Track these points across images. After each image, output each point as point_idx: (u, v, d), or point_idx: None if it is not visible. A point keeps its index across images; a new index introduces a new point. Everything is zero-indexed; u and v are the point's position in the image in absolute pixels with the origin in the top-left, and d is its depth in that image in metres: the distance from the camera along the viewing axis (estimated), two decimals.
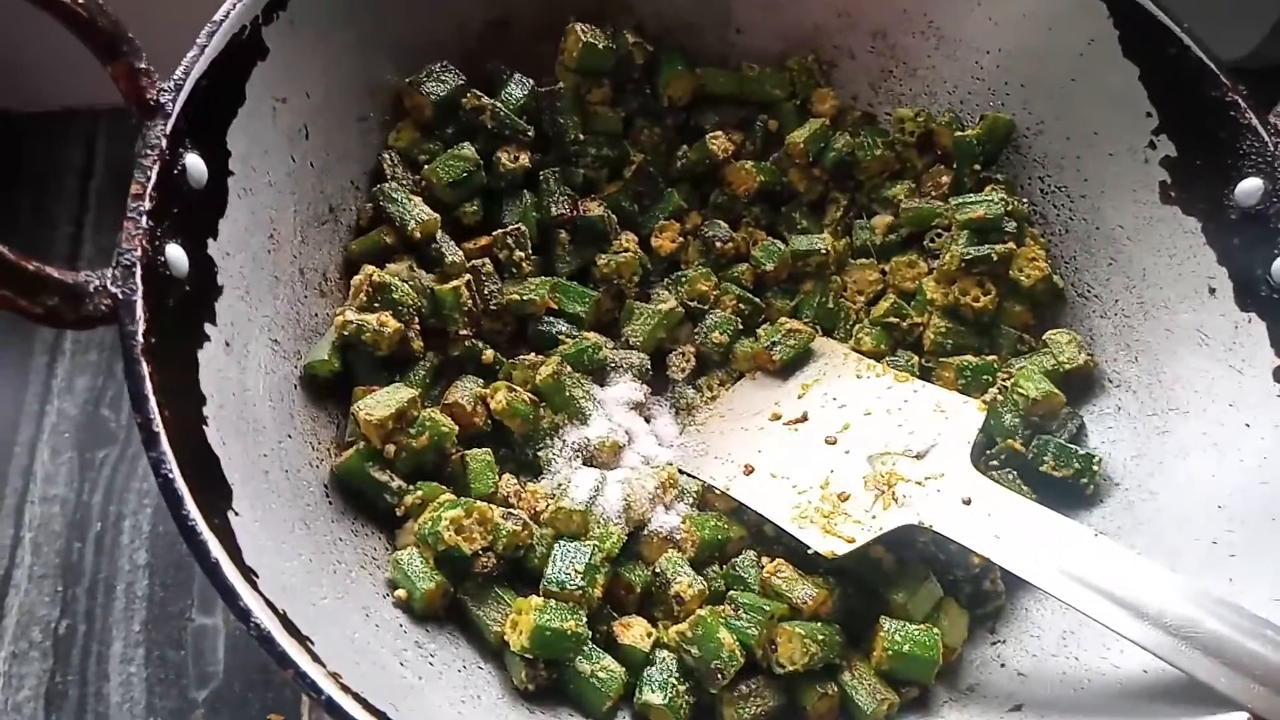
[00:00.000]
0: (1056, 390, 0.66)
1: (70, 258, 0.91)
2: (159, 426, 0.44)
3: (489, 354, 0.65)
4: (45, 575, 0.78)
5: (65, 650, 0.75)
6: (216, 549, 0.43)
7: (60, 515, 0.80)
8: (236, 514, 0.47)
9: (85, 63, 0.50)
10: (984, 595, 0.62)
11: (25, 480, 0.82)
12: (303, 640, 0.44)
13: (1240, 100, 0.62)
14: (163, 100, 0.51)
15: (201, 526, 0.43)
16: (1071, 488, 0.64)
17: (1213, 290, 0.64)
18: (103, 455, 0.83)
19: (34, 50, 0.86)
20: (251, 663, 0.75)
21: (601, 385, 0.67)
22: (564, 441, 0.63)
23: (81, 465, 0.82)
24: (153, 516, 0.81)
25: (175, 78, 0.52)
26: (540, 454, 0.62)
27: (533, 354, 0.66)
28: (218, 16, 0.54)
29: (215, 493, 0.47)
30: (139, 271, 0.47)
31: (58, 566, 0.78)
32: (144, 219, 0.48)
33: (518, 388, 0.63)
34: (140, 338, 0.46)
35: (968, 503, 0.58)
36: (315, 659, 0.43)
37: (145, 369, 0.45)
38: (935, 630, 0.57)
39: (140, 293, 0.46)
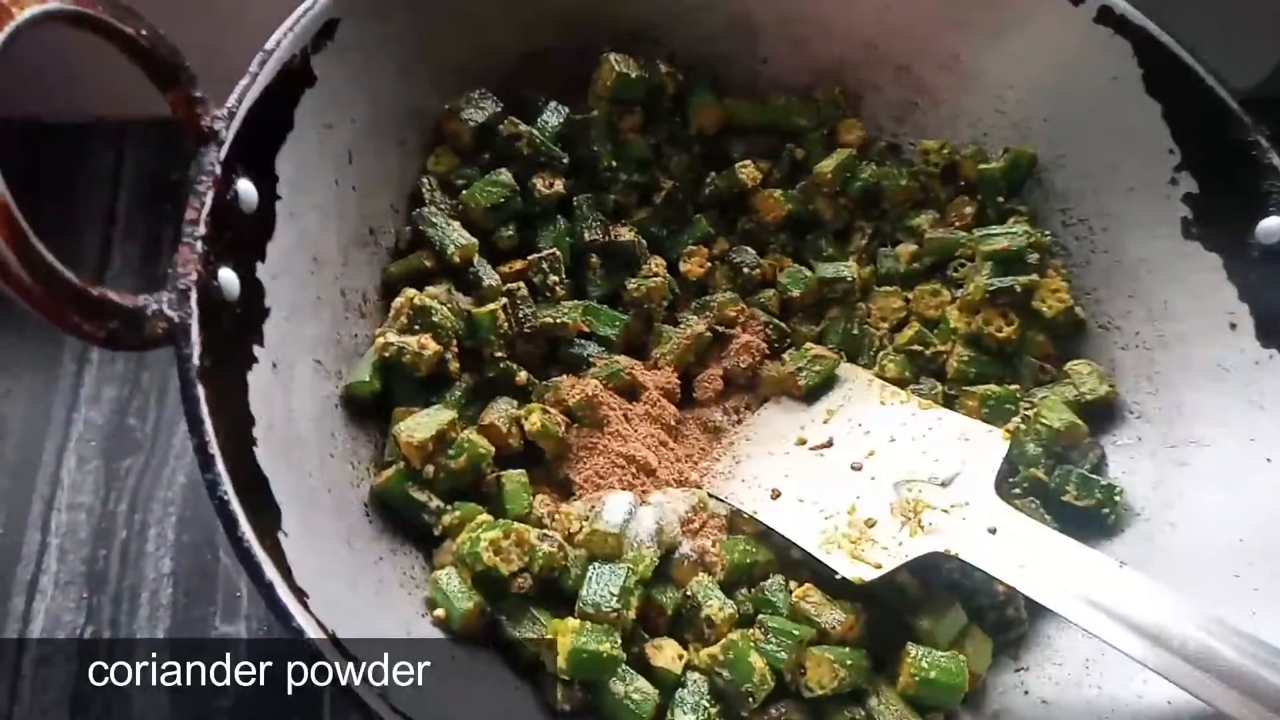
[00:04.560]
0: (1079, 421, 0.67)
1: (99, 268, 0.91)
2: (215, 449, 0.45)
3: (522, 376, 0.66)
4: (71, 582, 0.79)
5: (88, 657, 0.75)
6: (270, 570, 0.44)
7: (86, 523, 0.81)
8: (285, 534, 0.48)
9: (114, 73, 0.51)
10: (1007, 622, 0.63)
11: (52, 488, 0.82)
12: (354, 660, 0.45)
13: (1262, 140, 0.64)
14: (217, 127, 0.52)
15: (256, 548, 0.44)
16: (1093, 517, 0.66)
17: (1233, 325, 0.65)
18: (128, 464, 0.84)
19: (64, 59, 0.86)
20: None
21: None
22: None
23: (107, 474, 0.83)
24: (177, 525, 0.81)
25: (229, 105, 0.53)
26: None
27: (565, 375, 0.67)
28: (269, 45, 0.55)
29: (266, 513, 0.48)
30: (194, 295, 0.48)
31: (83, 574, 0.79)
32: (199, 243, 0.49)
33: (551, 409, 0.64)
34: (196, 361, 0.47)
35: (993, 531, 0.59)
36: (365, 679, 0.44)
37: (201, 391, 0.46)
38: (961, 657, 0.58)
39: (195, 316, 0.47)
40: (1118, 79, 0.69)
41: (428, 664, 0.50)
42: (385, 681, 0.45)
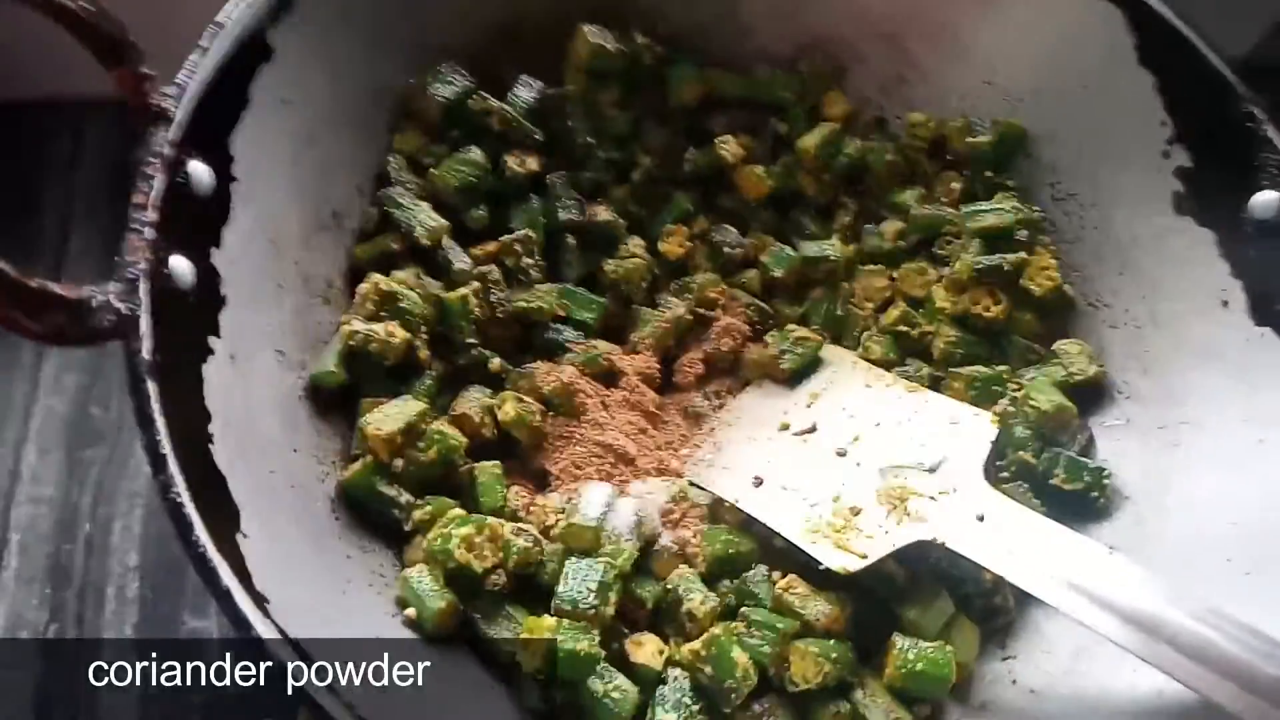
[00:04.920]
0: (1068, 403, 0.66)
1: (57, 256, 0.88)
2: (167, 449, 0.43)
3: (496, 363, 0.64)
4: (33, 578, 0.76)
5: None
6: (228, 576, 0.42)
7: (48, 516, 0.78)
8: (245, 535, 0.46)
9: (71, 52, 0.48)
10: (995, 610, 0.61)
11: (11, 481, 0.80)
12: (316, 666, 0.43)
13: (1258, 112, 0.62)
14: (166, 105, 0.49)
15: (212, 552, 0.42)
16: (1082, 501, 0.64)
17: (1226, 303, 0.63)
18: (91, 455, 0.81)
19: (16, 38, 0.83)
20: None
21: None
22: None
23: (70, 465, 0.80)
24: (144, 518, 0.79)
25: (178, 81, 0.50)
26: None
27: (540, 361, 0.65)
28: (220, 18, 0.53)
29: (223, 514, 0.46)
30: (144, 285, 0.45)
31: (46, 569, 0.76)
32: (148, 230, 0.47)
33: (526, 397, 0.62)
34: (147, 355, 0.44)
35: (981, 519, 0.58)
36: (330, 690, 0.42)
37: (152, 388, 0.44)
38: (948, 648, 0.56)
39: (146, 307, 0.45)
40: (1110, 49, 0.67)
41: (398, 667, 0.48)
42: (353, 688, 0.43)
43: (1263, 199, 0.61)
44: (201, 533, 0.42)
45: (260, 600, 0.43)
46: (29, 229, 0.89)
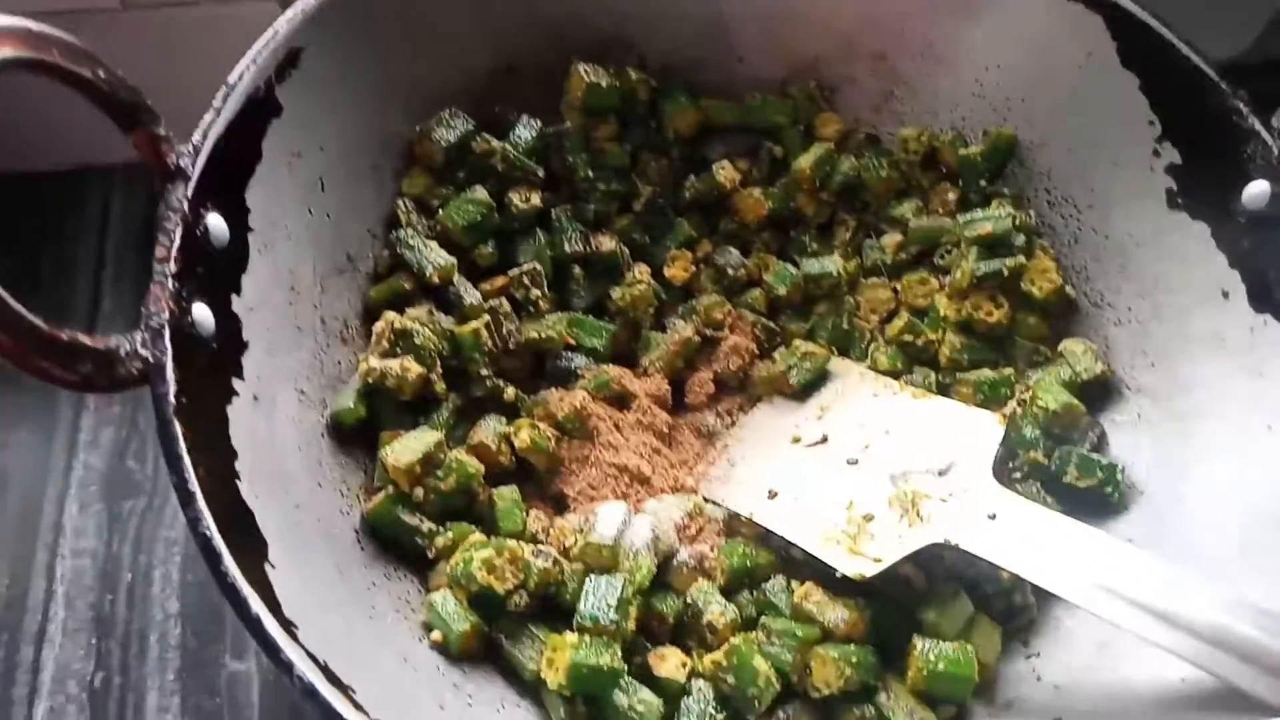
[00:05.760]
0: (1076, 401, 0.66)
1: (90, 315, 0.92)
2: (195, 486, 0.45)
3: (510, 392, 0.66)
4: (78, 629, 0.78)
5: (101, 703, 0.75)
6: (257, 604, 0.44)
7: (91, 568, 0.81)
8: (273, 566, 0.48)
9: (94, 121, 0.51)
10: (1015, 609, 0.62)
11: (55, 535, 0.82)
12: (345, 690, 0.44)
13: (1241, 105, 0.63)
14: (182, 164, 0.52)
15: (241, 582, 0.44)
16: (1096, 498, 0.65)
17: (1226, 294, 0.64)
18: (130, 506, 0.84)
19: (42, 111, 0.87)
20: (285, 706, 0.75)
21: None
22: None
23: (110, 517, 0.83)
24: (182, 565, 0.81)
25: (194, 141, 0.53)
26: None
27: (553, 389, 0.67)
28: (231, 79, 0.55)
29: (251, 547, 0.48)
30: (167, 333, 0.48)
31: (90, 619, 0.79)
32: (170, 280, 0.49)
33: (540, 424, 0.64)
34: (172, 399, 0.46)
35: (993, 518, 0.58)
36: (358, 708, 0.44)
37: (179, 429, 0.46)
38: (970, 647, 0.57)
39: (170, 354, 0.47)
40: (1092, 54, 0.68)
41: (424, 688, 0.50)
42: (381, 710, 0.45)
43: (1254, 189, 0.62)
44: (230, 564, 0.44)
45: (289, 626, 0.45)
46: (64, 292, 0.93)
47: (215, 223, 0.53)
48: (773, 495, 0.64)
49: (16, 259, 0.94)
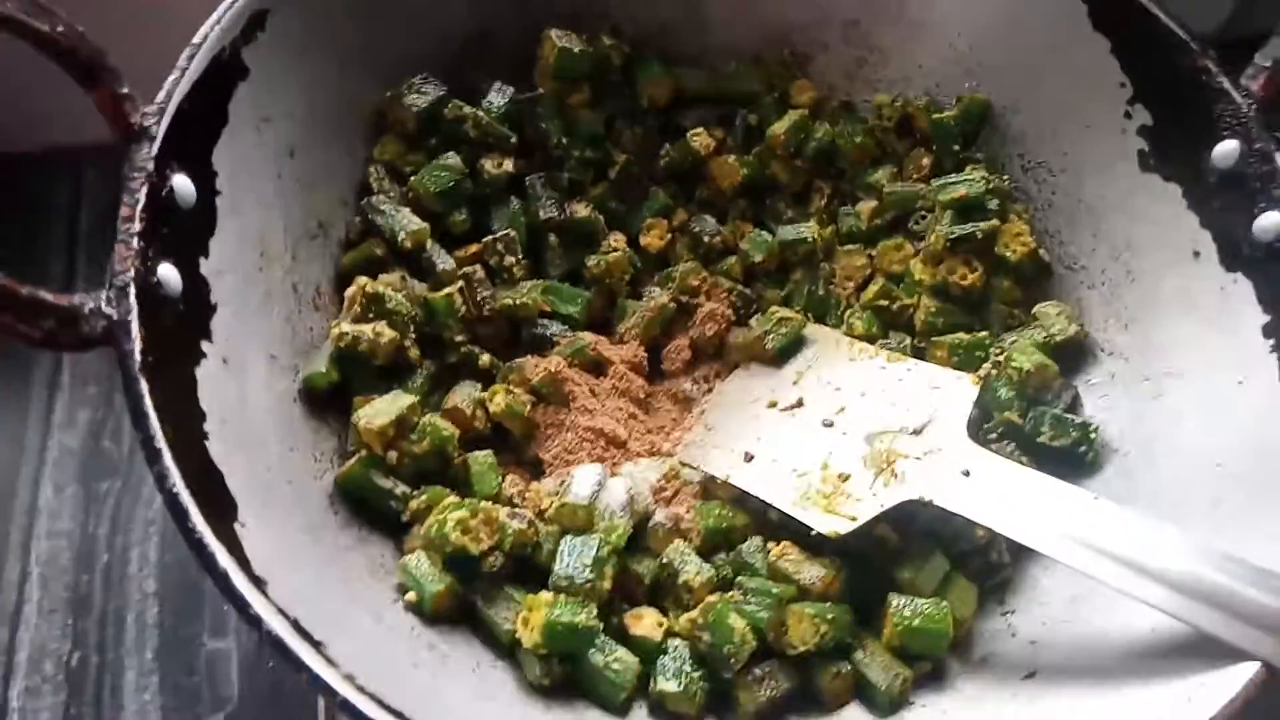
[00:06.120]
0: (1049, 361, 0.66)
1: (63, 292, 0.91)
2: (161, 442, 0.45)
3: (485, 359, 0.66)
4: (55, 609, 0.78)
5: (79, 682, 0.75)
6: (225, 559, 0.44)
7: (67, 548, 0.80)
8: (243, 525, 0.48)
9: (65, 101, 0.51)
10: (991, 567, 0.62)
11: (30, 516, 0.82)
12: (315, 645, 0.44)
13: (1211, 65, 0.63)
14: (147, 124, 0.51)
15: (209, 538, 0.44)
16: (1071, 457, 0.65)
17: (1197, 254, 0.64)
18: (106, 487, 0.83)
19: (13, 92, 0.86)
20: (265, 684, 0.75)
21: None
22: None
23: (86, 498, 0.83)
24: (160, 545, 0.81)
25: (158, 101, 0.52)
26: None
27: (529, 356, 0.66)
28: (196, 39, 0.55)
29: (221, 505, 0.47)
30: (133, 292, 0.47)
31: (67, 600, 0.78)
32: (135, 240, 0.48)
33: (516, 389, 0.63)
34: (138, 356, 0.46)
35: (967, 474, 0.59)
36: (329, 662, 0.43)
37: (144, 386, 0.45)
38: (944, 603, 0.57)
39: (135, 313, 0.47)
40: (1063, 17, 0.68)
41: (399, 646, 0.50)
42: (353, 665, 0.44)
43: (1223, 149, 0.62)
44: (198, 519, 0.44)
45: (259, 583, 0.45)
46: (35, 272, 0.92)
47: (181, 184, 0.52)
48: (749, 458, 0.64)
49: None
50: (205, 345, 0.52)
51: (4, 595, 0.78)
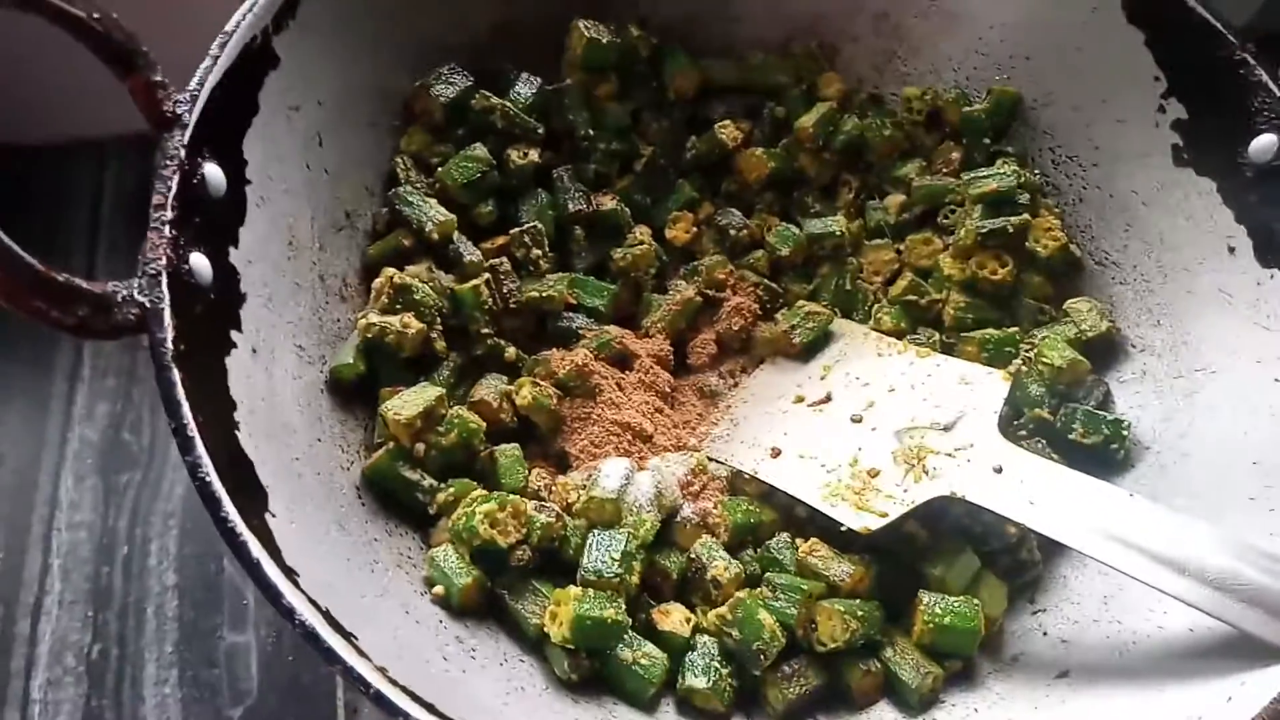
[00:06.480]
0: (1081, 358, 0.66)
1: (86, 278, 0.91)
2: (194, 431, 0.44)
3: (511, 351, 0.65)
4: (75, 601, 0.78)
5: (99, 674, 0.75)
6: (257, 548, 0.43)
7: (87, 541, 0.80)
8: (273, 515, 0.47)
9: (90, 93, 0.50)
10: (1021, 565, 0.61)
11: (51, 508, 0.82)
12: (347, 636, 0.44)
13: (1249, 58, 0.62)
14: (179, 111, 0.51)
15: (241, 527, 0.43)
16: (1102, 454, 0.64)
17: (1232, 249, 0.63)
18: (126, 479, 0.83)
19: (37, 83, 0.86)
20: (285, 677, 0.75)
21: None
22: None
23: (106, 490, 0.82)
24: (179, 538, 0.81)
25: (190, 89, 0.52)
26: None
27: (555, 349, 0.66)
28: (229, 27, 0.55)
29: (251, 495, 0.47)
30: (165, 280, 0.47)
31: (88, 592, 0.78)
32: (167, 228, 0.48)
33: (542, 382, 0.63)
34: (170, 345, 0.46)
35: (999, 471, 0.58)
36: (361, 654, 0.43)
37: (177, 375, 0.45)
38: (975, 601, 0.57)
39: (167, 301, 0.47)
40: (1098, 9, 0.68)
41: (427, 639, 0.49)
42: (384, 657, 0.44)
43: (1261, 143, 0.62)
44: (230, 509, 0.43)
45: (290, 573, 0.44)
46: (57, 262, 0.91)
47: (212, 172, 0.52)
48: (776, 453, 0.64)
49: (8, 230, 0.93)
50: (235, 335, 0.52)
51: (25, 588, 0.78)
